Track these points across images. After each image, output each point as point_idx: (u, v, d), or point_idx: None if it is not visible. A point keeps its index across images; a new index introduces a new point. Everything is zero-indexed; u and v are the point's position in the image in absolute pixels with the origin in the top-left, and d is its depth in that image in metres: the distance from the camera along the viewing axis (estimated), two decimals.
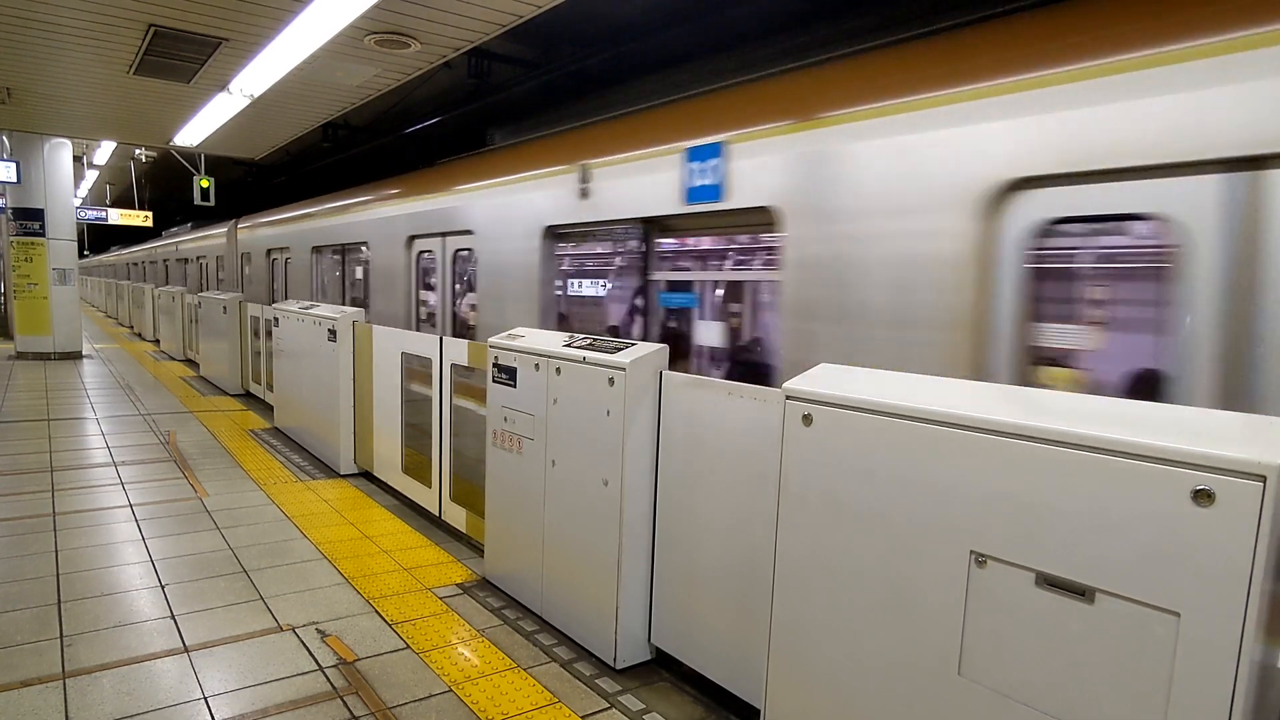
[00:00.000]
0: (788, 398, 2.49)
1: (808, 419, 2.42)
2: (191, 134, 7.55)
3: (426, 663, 3.49)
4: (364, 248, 8.87)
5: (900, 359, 3.25)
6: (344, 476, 6.61)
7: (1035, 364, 3.07)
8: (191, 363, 14.03)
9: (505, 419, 4.12)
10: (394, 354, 5.74)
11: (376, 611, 4.00)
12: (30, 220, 13.71)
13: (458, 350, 4.91)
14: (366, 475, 6.60)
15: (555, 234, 5.65)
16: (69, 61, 5.24)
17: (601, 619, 3.50)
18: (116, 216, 19.67)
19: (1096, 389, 3.11)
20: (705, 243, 5.39)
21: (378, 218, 8.29)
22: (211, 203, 12.51)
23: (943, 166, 3.13)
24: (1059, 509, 1.83)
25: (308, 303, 7.72)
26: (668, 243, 5.09)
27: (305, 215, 11.04)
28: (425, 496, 5.45)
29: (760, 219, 4.01)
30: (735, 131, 4.14)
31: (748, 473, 2.96)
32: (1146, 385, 2.95)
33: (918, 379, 2.43)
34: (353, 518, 5.51)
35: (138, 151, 15.58)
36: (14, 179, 11.72)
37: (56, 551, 4.64)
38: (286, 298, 12.03)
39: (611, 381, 3.35)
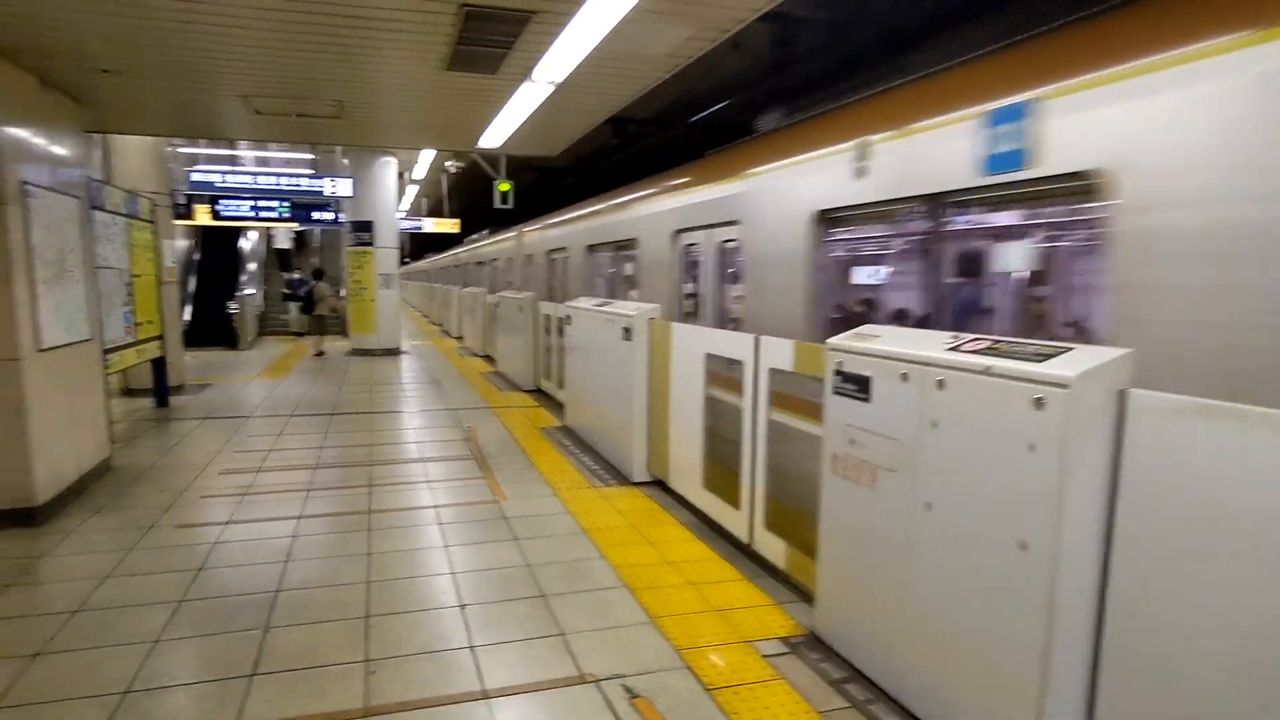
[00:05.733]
0: None
1: None
2: (495, 134, 7.59)
3: None
4: (633, 244, 9.28)
5: None
6: (636, 484, 6.13)
7: None
8: (489, 358, 14.88)
9: (851, 441, 3.23)
10: (696, 354, 5.10)
11: (689, 668, 3.31)
12: (362, 231, 15.40)
13: (778, 352, 4.10)
14: (659, 484, 6.07)
15: (827, 219, 5.46)
16: (387, 62, 5.23)
17: None
18: (430, 225, 21.80)
19: None
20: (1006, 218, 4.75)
21: (644, 215, 8.69)
22: (510, 206, 13.09)
23: None
24: None
25: (600, 300, 7.44)
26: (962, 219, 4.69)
27: (579, 217, 11.49)
28: (731, 519, 4.73)
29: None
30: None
31: None
32: None
33: None
34: (650, 536, 4.95)
35: (448, 164, 16.94)
36: (350, 194, 13.07)
37: (369, 554, 4.57)
38: (564, 296, 12.39)
39: (1039, 403, 2.30)
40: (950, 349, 2.76)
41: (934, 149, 4.48)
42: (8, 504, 5.01)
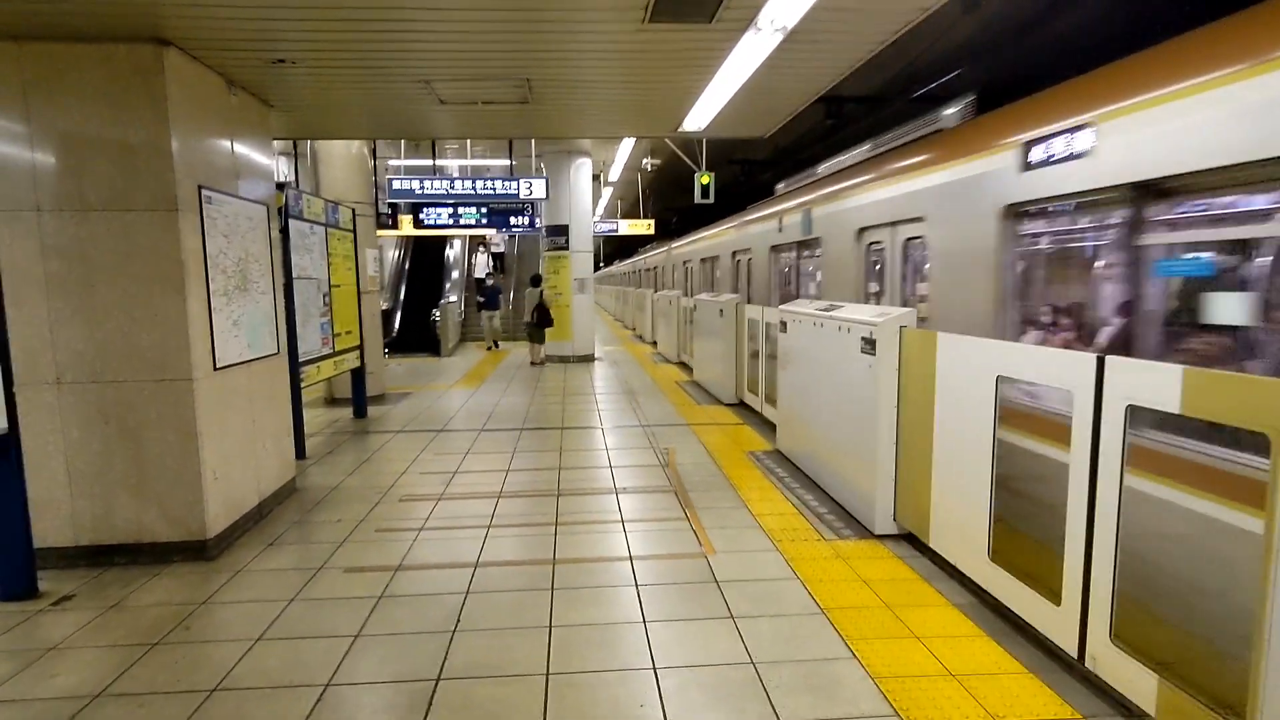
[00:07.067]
0: None
1: None
2: (701, 113, 6.59)
3: None
4: (816, 244, 8.77)
5: None
6: (879, 537, 4.82)
7: None
8: (685, 366, 13.95)
9: None
10: (980, 377, 3.71)
11: None
12: (557, 236, 15.04)
13: (1148, 380, 2.66)
14: (910, 539, 4.72)
15: (1019, 213, 4.73)
16: (578, 18, 4.29)
17: None
18: (625, 227, 21.35)
19: None
20: None
21: (827, 213, 8.17)
22: (711, 200, 12.08)
23: None
24: None
25: (826, 303, 6.17)
26: None
27: (765, 217, 10.96)
28: (1043, 616, 3.31)
29: None
30: None
31: None
32: None
33: None
34: (914, 623, 3.64)
35: (645, 161, 16.26)
36: (544, 195, 12.65)
37: (550, 628, 3.64)
38: (750, 297, 11.92)
39: None
40: None
41: None
42: (180, 535, 4.63)
